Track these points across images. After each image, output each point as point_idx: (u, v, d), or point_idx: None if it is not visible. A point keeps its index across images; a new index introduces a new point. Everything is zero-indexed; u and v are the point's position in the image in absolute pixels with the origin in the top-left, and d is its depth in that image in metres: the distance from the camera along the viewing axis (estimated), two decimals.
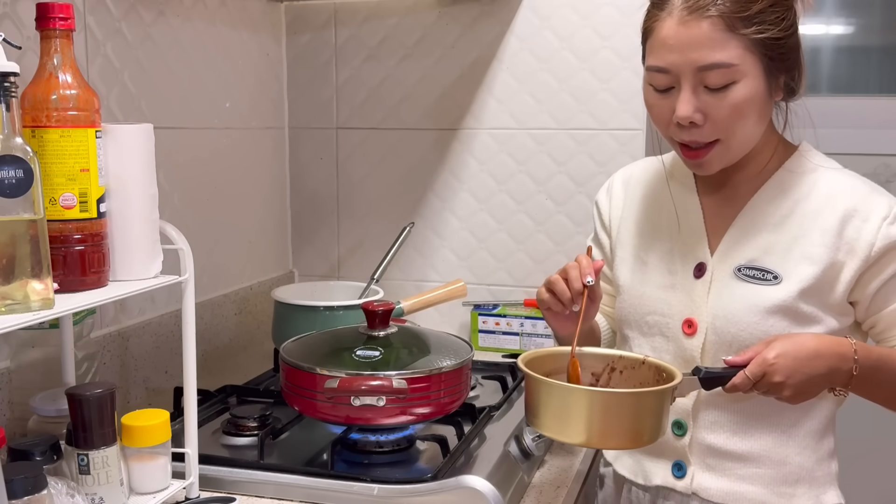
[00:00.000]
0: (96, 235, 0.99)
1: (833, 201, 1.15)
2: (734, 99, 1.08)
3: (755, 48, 1.07)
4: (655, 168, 1.32)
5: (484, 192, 1.89)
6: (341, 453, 1.23)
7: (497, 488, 1.10)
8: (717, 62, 1.06)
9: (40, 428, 1.13)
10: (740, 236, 1.19)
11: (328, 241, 2.02)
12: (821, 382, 1.10)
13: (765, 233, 1.17)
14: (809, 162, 1.20)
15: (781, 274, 1.15)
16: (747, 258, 1.17)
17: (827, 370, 1.09)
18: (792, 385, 1.07)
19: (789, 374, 1.07)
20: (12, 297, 0.87)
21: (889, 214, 1.13)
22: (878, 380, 1.14)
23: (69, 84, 0.96)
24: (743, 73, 1.07)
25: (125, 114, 1.47)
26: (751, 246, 1.17)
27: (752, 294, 1.15)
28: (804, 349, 1.09)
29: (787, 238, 1.16)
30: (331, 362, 1.22)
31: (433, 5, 1.87)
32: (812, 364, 1.08)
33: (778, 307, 1.14)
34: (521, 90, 1.84)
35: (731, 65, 1.07)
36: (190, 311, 1.09)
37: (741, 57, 1.07)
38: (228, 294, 1.79)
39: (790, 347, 1.08)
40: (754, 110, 1.10)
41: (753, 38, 1.07)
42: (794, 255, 1.15)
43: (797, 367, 1.07)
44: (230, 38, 1.76)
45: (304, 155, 2.00)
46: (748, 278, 1.16)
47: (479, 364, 1.61)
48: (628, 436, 1.05)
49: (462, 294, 1.65)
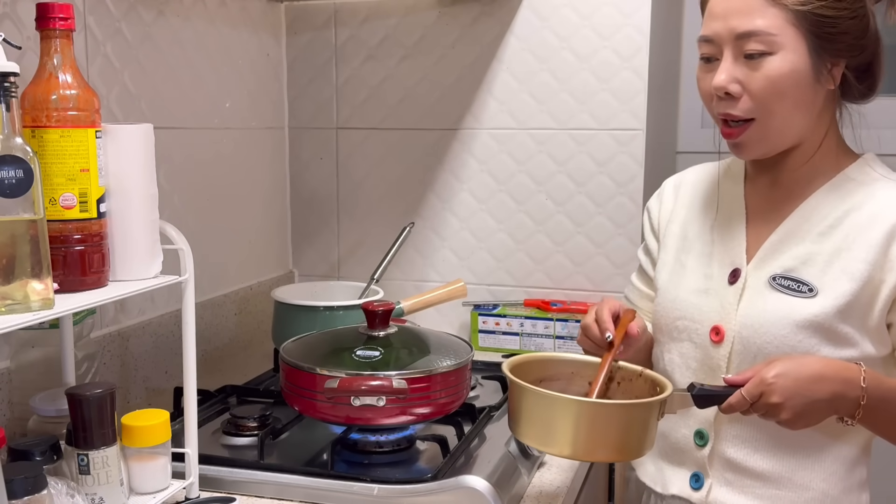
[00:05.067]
0: (96, 235, 0.99)
1: (884, 215, 1.07)
2: (769, 71, 1.04)
3: (798, 21, 1.03)
4: (709, 171, 1.28)
5: (484, 192, 1.89)
6: (341, 453, 1.23)
7: (497, 488, 1.10)
8: (753, 30, 1.03)
9: (40, 428, 1.13)
10: (780, 243, 1.13)
11: (328, 241, 2.02)
12: (824, 408, 1.04)
13: (807, 242, 1.11)
14: (873, 171, 1.12)
15: (818, 287, 1.08)
16: (784, 267, 1.11)
17: (830, 395, 1.03)
18: (791, 408, 1.02)
19: (788, 396, 1.01)
20: (12, 297, 0.87)
21: None
22: (889, 413, 1.06)
23: (69, 84, 0.96)
24: (781, 45, 1.04)
25: (125, 114, 1.47)
26: (790, 254, 1.11)
27: (783, 306, 1.09)
28: (806, 370, 1.02)
29: (829, 249, 1.09)
30: (331, 362, 1.22)
31: (433, 5, 1.87)
32: (814, 388, 1.02)
33: (809, 322, 1.07)
34: (521, 90, 1.84)
35: (769, 34, 1.03)
36: (190, 311, 1.09)
37: (780, 28, 1.03)
38: (228, 294, 1.79)
39: (791, 368, 1.02)
40: (792, 89, 1.05)
41: (796, 9, 1.03)
42: (834, 268, 1.08)
43: (797, 390, 1.02)
44: (230, 38, 1.76)
45: (304, 155, 2.01)
46: (782, 288, 1.10)
47: (479, 364, 1.61)
48: (614, 448, 1.03)
49: (462, 294, 1.65)
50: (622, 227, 1.81)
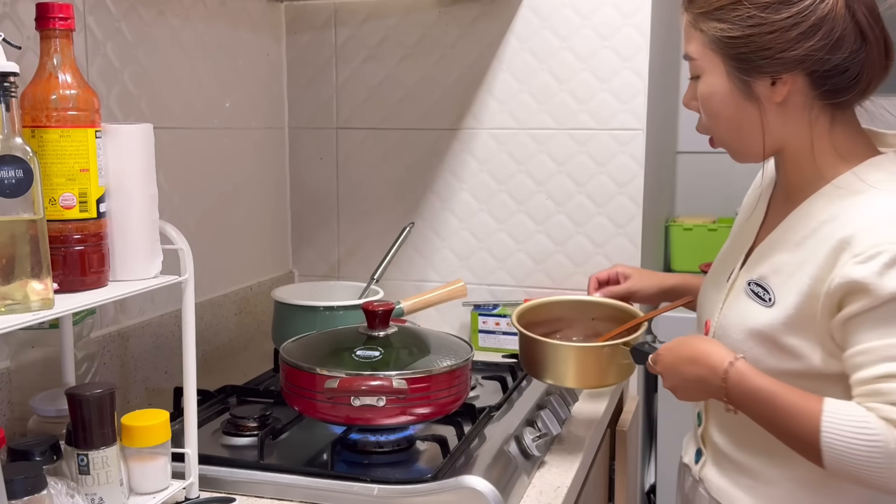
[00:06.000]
0: (96, 235, 0.99)
1: (841, 227, 1.03)
2: (699, 93, 1.11)
3: (714, 45, 1.07)
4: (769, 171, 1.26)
5: (484, 192, 1.89)
6: (341, 453, 1.23)
7: (497, 488, 1.10)
8: (686, 54, 1.12)
9: (40, 428, 1.13)
10: (766, 249, 1.13)
11: (328, 241, 2.02)
12: (695, 388, 1.10)
13: (784, 251, 1.10)
14: (859, 182, 1.06)
15: (777, 297, 1.08)
16: (760, 274, 1.12)
17: (697, 378, 1.09)
18: (668, 379, 1.13)
19: (666, 369, 1.13)
20: (12, 297, 0.87)
21: (865, 253, 0.99)
22: (756, 412, 1.05)
23: (69, 84, 0.96)
24: (702, 69, 1.10)
25: (125, 114, 1.47)
26: (769, 262, 1.11)
27: (746, 311, 1.11)
28: (685, 350, 1.11)
29: (797, 261, 1.07)
30: (331, 362, 1.22)
31: (433, 5, 1.87)
32: (686, 367, 1.10)
33: (758, 332, 1.08)
34: (521, 90, 1.84)
35: (692, 58, 1.10)
36: (190, 311, 1.09)
37: (700, 52, 1.09)
38: (228, 294, 1.79)
39: (676, 346, 1.13)
40: (722, 109, 1.09)
41: (710, 34, 1.07)
42: (795, 279, 1.06)
43: (673, 365, 1.12)
44: (230, 38, 1.76)
45: (304, 155, 2.00)
46: (752, 294, 1.11)
47: (479, 364, 1.61)
48: (575, 378, 1.28)
49: (462, 294, 1.65)
50: (622, 227, 1.81)
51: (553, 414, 1.38)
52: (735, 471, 1.16)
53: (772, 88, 1.06)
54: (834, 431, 0.98)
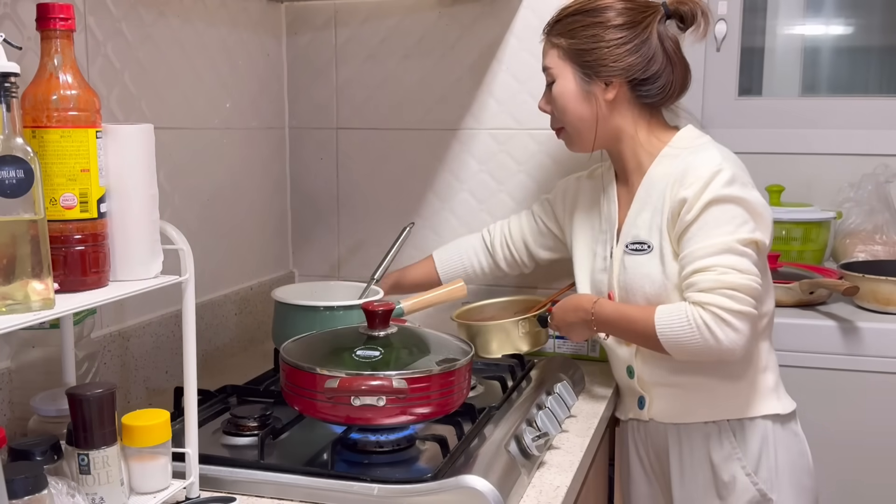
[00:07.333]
0: (97, 235, 0.99)
1: (673, 175, 1.41)
2: (555, 93, 1.48)
3: (567, 56, 1.46)
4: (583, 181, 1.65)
5: (484, 192, 1.89)
6: (341, 453, 1.23)
7: (497, 488, 1.11)
8: (543, 66, 1.50)
9: (41, 428, 1.13)
10: (633, 219, 1.48)
11: (328, 241, 2.02)
12: (578, 329, 1.49)
13: (645, 212, 1.46)
14: (677, 148, 1.45)
15: (652, 244, 1.44)
16: (633, 236, 1.46)
17: (577, 320, 1.48)
18: (562, 329, 1.53)
19: (558, 321, 1.53)
20: (13, 297, 0.88)
21: (687, 181, 1.37)
22: (619, 331, 1.45)
23: (70, 84, 0.96)
24: (557, 75, 1.47)
25: (125, 114, 1.47)
26: (635, 225, 1.47)
27: (635, 265, 1.45)
28: (567, 304, 1.51)
29: (652, 209, 1.44)
30: (331, 362, 1.22)
31: (433, 5, 1.87)
32: (568, 315, 1.50)
33: (650, 274, 1.43)
34: (521, 90, 1.84)
35: (549, 68, 1.48)
36: (190, 311, 1.09)
37: (556, 63, 1.47)
38: (228, 294, 1.79)
39: (562, 303, 1.53)
40: (570, 105, 1.47)
41: (564, 48, 1.46)
42: (655, 223, 1.43)
43: (561, 316, 1.52)
44: (230, 38, 1.76)
45: (304, 155, 2.01)
46: (633, 252, 1.46)
47: (479, 364, 1.61)
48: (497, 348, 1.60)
49: (462, 294, 1.65)
50: None
51: (553, 414, 1.38)
52: (676, 391, 1.48)
53: (605, 89, 1.44)
54: (662, 324, 1.35)
